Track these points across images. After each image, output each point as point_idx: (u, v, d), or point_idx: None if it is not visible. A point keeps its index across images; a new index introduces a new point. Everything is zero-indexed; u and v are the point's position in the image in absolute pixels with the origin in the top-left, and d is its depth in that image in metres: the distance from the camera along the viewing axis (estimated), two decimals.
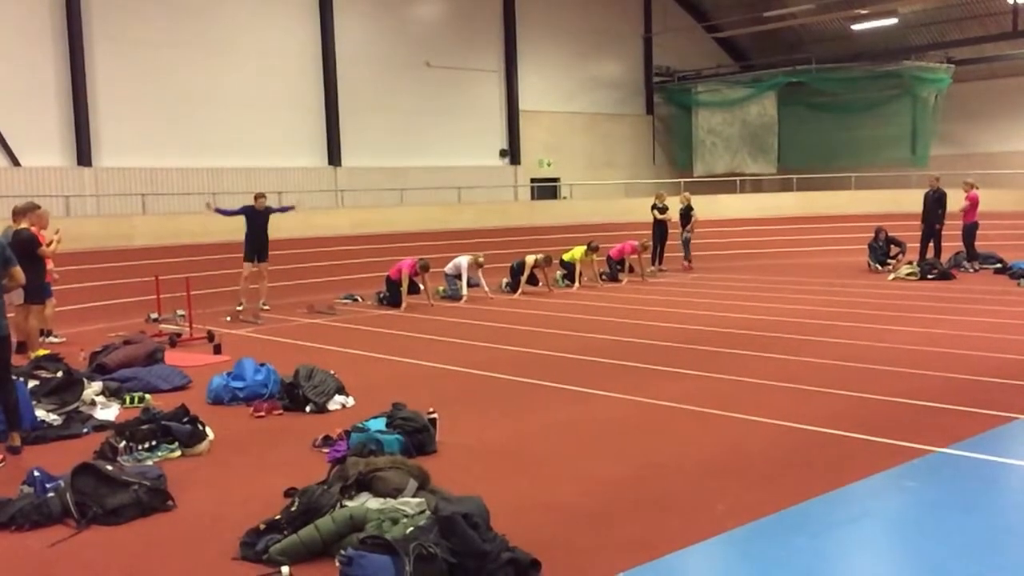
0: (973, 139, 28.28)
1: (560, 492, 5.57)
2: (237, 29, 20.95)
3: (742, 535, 4.81)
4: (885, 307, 13.45)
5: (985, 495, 5.44)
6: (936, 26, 28.00)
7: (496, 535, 4.40)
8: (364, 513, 4.72)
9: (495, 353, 10.64)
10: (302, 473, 5.78)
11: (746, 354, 10.02)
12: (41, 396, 7.70)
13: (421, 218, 21.55)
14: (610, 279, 18.35)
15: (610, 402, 7.99)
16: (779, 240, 23.15)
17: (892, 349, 10.01)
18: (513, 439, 6.90)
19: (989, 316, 12.31)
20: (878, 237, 18.99)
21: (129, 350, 9.77)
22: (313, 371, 8.20)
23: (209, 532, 5.06)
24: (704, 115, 29.57)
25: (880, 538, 4.92)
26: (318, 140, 22.43)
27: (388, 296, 15.42)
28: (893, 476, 5.70)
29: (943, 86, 26.55)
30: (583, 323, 12.83)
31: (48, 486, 5.34)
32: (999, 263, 17.97)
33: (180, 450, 6.57)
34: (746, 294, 15.64)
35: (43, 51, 18.23)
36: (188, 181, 20.04)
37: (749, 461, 6.13)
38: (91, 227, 16.85)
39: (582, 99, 28.34)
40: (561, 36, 27.54)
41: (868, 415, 7.22)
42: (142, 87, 19.42)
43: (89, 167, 18.76)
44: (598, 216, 23.40)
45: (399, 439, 6.32)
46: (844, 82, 27.81)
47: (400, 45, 23.91)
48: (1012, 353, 9.59)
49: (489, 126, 26.05)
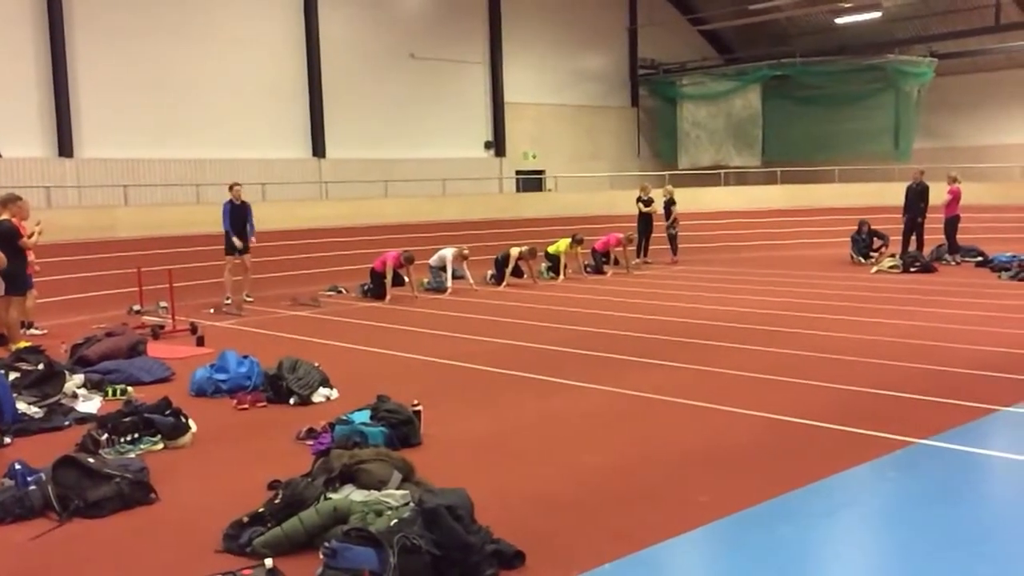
0: (956, 132, 28.47)
1: (544, 484, 5.57)
2: (221, 19, 20.80)
3: (726, 526, 4.83)
4: (868, 300, 13.53)
5: (966, 486, 5.49)
6: (920, 20, 28.14)
7: (480, 527, 4.40)
8: (348, 505, 4.71)
9: (480, 345, 10.63)
10: (286, 465, 5.76)
11: (729, 346, 10.07)
12: (22, 388, 7.64)
13: (406, 210, 21.49)
14: (595, 271, 18.37)
15: (594, 394, 8.00)
16: (763, 233, 23.22)
17: (874, 341, 10.07)
18: (497, 431, 6.90)
19: (970, 309, 12.40)
20: (861, 230, 19.09)
21: (111, 342, 9.71)
22: (297, 363, 8.17)
23: (192, 525, 5.04)
24: (689, 108, 29.62)
25: (862, 528, 4.96)
26: (302, 131, 22.32)
27: (372, 288, 15.38)
28: (875, 467, 5.74)
29: (926, 80, 26.68)
30: (567, 315, 12.84)
31: (29, 479, 5.30)
32: (980, 256, 18.07)
33: (163, 443, 6.53)
34: (730, 287, 15.69)
35: (23, 40, 18.04)
36: (170, 172, 19.92)
37: (733, 452, 6.15)
38: (72, 218, 16.71)
39: (567, 91, 28.32)
40: (546, 28, 27.51)
41: (850, 407, 7.26)
42: (124, 77, 19.25)
43: (70, 158, 18.60)
44: (583, 208, 23.40)
45: (383, 431, 6.31)
46: (828, 75, 27.88)
47: (385, 36, 23.81)
48: (993, 345, 9.66)
49: (474, 118, 25.99)
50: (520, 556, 4.37)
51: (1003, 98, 27.68)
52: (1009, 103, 27.70)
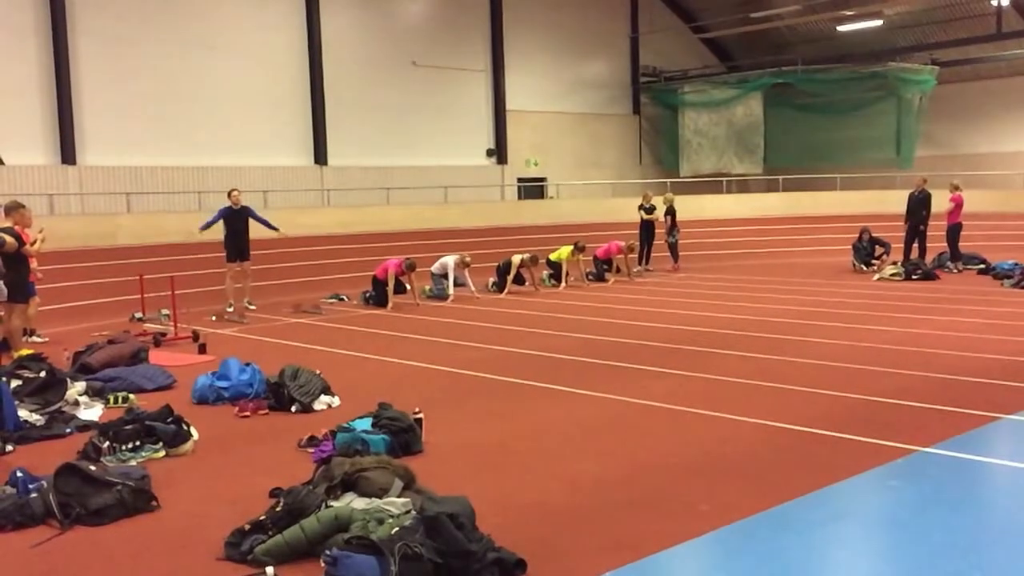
0: (957, 140, 28.49)
1: (546, 492, 5.57)
2: (223, 27, 20.87)
3: (727, 534, 4.82)
4: (869, 307, 13.52)
5: (968, 494, 5.48)
6: (921, 28, 28.20)
7: (482, 535, 4.40)
8: (349, 513, 4.71)
9: (481, 353, 10.63)
10: (287, 473, 5.76)
11: (731, 354, 10.06)
12: (24, 396, 7.65)
13: (407, 217, 21.52)
14: (596, 279, 18.37)
15: (596, 402, 8.00)
16: (765, 240, 23.23)
17: (876, 349, 10.06)
18: (499, 439, 6.89)
19: (972, 316, 12.39)
20: (862, 237, 19.09)
21: (113, 350, 9.72)
22: (299, 371, 8.18)
23: (194, 532, 5.04)
24: (690, 115, 29.65)
25: (864, 537, 4.95)
26: (304, 139, 22.37)
27: (374, 296, 15.39)
28: (877, 475, 5.73)
29: (928, 87, 26.71)
30: (569, 323, 12.84)
31: (31, 486, 5.31)
32: (982, 264, 18.08)
33: (164, 450, 6.53)
34: (731, 294, 15.69)
35: (27, 48, 18.11)
36: (173, 180, 19.96)
37: (734, 461, 6.15)
38: (75, 226, 16.75)
39: (569, 99, 28.37)
40: (548, 36, 27.58)
41: (852, 415, 7.25)
42: (127, 85, 19.32)
43: (73, 165, 18.66)
44: (585, 216, 23.43)
45: (385, 439, 6.31)
46: (829, 83, 27.94)
47: (387, 44, 23.87)
48: (995, 353, 9.65)
49: (476, 125, 26.04)
50: (522, 564, 4.36)
51: (1004, 106, 27.70)
52: (1010, 111, 27.72)
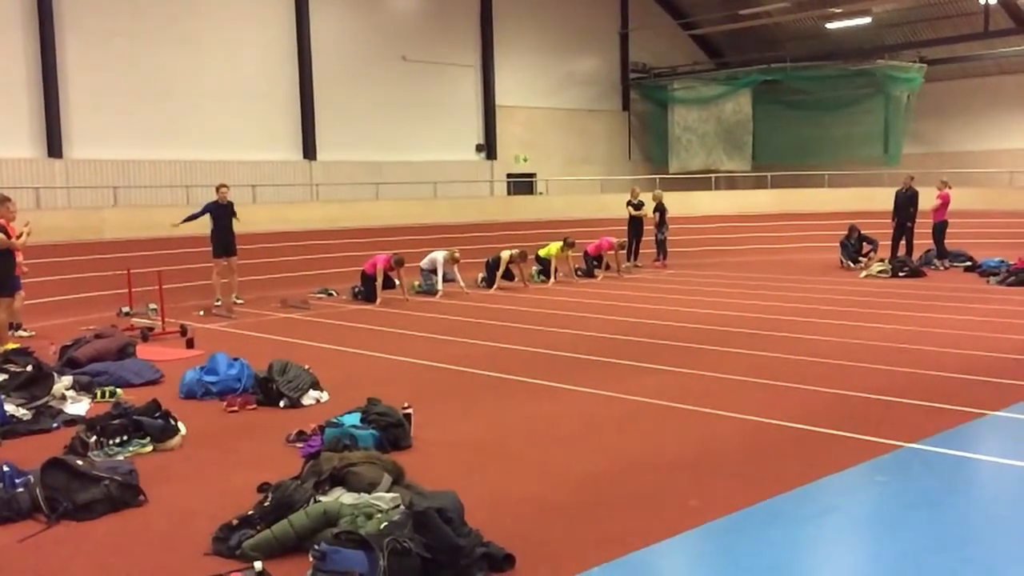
0: (945, 138, 28.61)
1: (535, 487, 5.58)
2: (211, 20, 20.75)
3: (715, 529, 4.84)
4: (856, 304, 13.57)
5: (954, 489, 5.51)
6: (909, 26, 28.29)
7: (470, 530, 4.40)
8: (338, 508, 4.70)
9: (470, 348, 10.63)
10: (276, 468, 5.74)
11: (719, 350, 10.09)
12: (10, 390, 7.60)
13: (397, 213, 21.49)
14: (585, 275, 18.38)
15: (584, 397, 8.01)
16: (753, 237, 23.30)
17: (863, 346, 10.11)
18: (488, 434, 6.90)
19: (958, 313, 12.46)
20: (851, 235, 19.16)
21: (100, 344, 9.67)
22: (287, 366, 8.15)
23: (181, 527, 5.02)
24: (680, 112, 29.69)
25: (852, 532, 4.98)
26: (293, 133, 22.28)
27: (363, 291, 15.37)
28: (864, 471, 5.77)
29: (915, 85, 26.81)
30: (558, 319, 12.85)
31: (17, 481, 5.27)
32: (969, 261, 18.18)
33: (152, 445, 6.51)
34: (720, 290, 15.73)
35: (13, 41, 17.96)
36: (160, 174, 19.86)
37: (722, 456, 6.17)
38: (61, 219, 16.66)
39: (559, 95, 28.37)
40: (538, 31, 27.55)
41: (839, 411, 7.28)
42: (114, 78, 19.19)
43: (59, 159, 18.53)
44: (574, 212, 23.46)
45: (374, 434, 6.30)
46: (818, 80, 28.01)
47: (376, 38, 23.81)
48: (981, 350, 9.71)
49: (465, 121, 26.00)
50: (510, 559, 4.37)
51: (991, 104, 27.84)
52: (997, 109, 27.86)
